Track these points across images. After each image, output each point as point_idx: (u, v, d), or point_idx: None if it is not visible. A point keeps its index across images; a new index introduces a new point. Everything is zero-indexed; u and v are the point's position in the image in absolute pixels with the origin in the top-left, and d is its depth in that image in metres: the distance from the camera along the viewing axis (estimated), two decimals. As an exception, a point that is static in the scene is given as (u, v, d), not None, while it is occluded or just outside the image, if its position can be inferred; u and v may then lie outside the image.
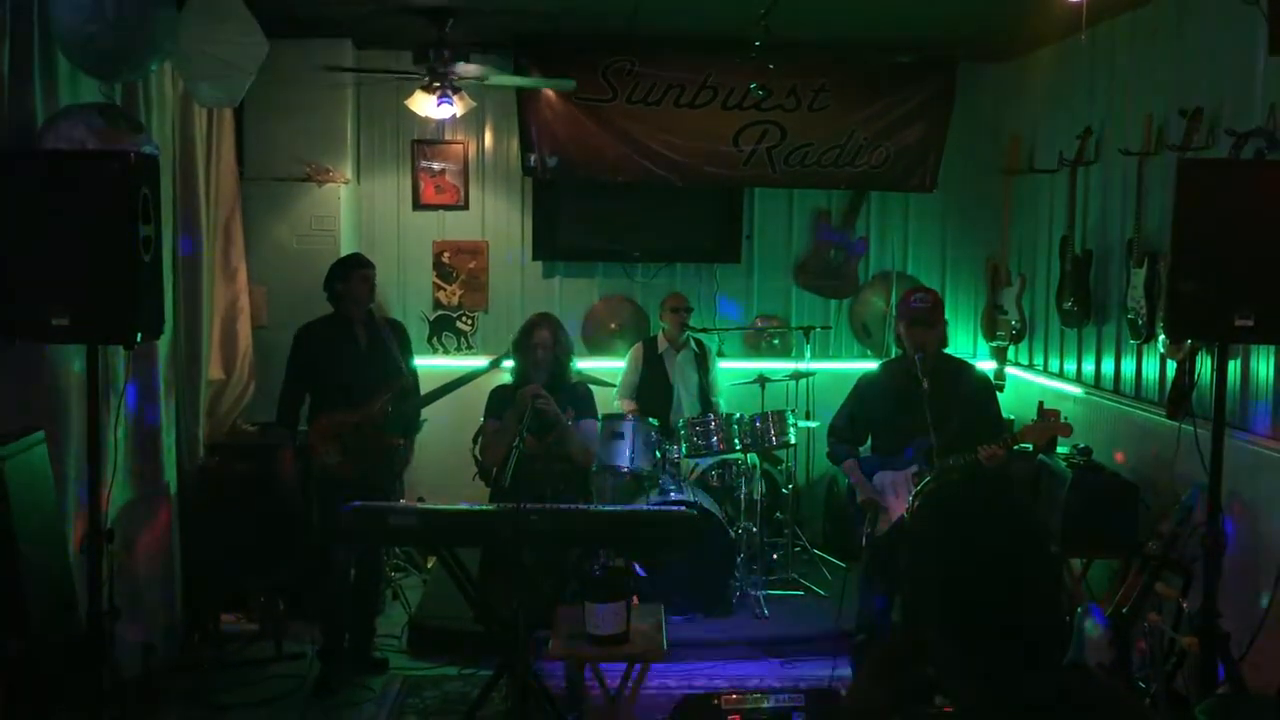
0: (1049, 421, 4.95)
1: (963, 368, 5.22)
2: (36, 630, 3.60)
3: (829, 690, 5.06)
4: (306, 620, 5.54)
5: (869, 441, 5.30)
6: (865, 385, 5.29)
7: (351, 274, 5.31)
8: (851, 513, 5.26)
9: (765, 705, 4.42)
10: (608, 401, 6.62)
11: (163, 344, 5.15)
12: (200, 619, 5.64)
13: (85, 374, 3.77)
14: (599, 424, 5.62)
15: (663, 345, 6.89)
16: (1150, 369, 5.52)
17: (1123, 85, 5.81)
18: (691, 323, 7.01)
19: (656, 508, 5.44)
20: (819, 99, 7.28)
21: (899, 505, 4.92)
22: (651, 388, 6.84)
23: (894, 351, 6.39)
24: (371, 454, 5.26)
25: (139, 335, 3.64)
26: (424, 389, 5.53)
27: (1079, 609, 4.72)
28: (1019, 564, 1.59)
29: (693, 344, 6.94)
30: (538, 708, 4.48)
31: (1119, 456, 5.62)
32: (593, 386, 5.60)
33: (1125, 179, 5.63)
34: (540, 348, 5.09)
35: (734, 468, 6.58)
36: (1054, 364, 6.70)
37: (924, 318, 4.97)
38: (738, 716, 4.33)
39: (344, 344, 5.30)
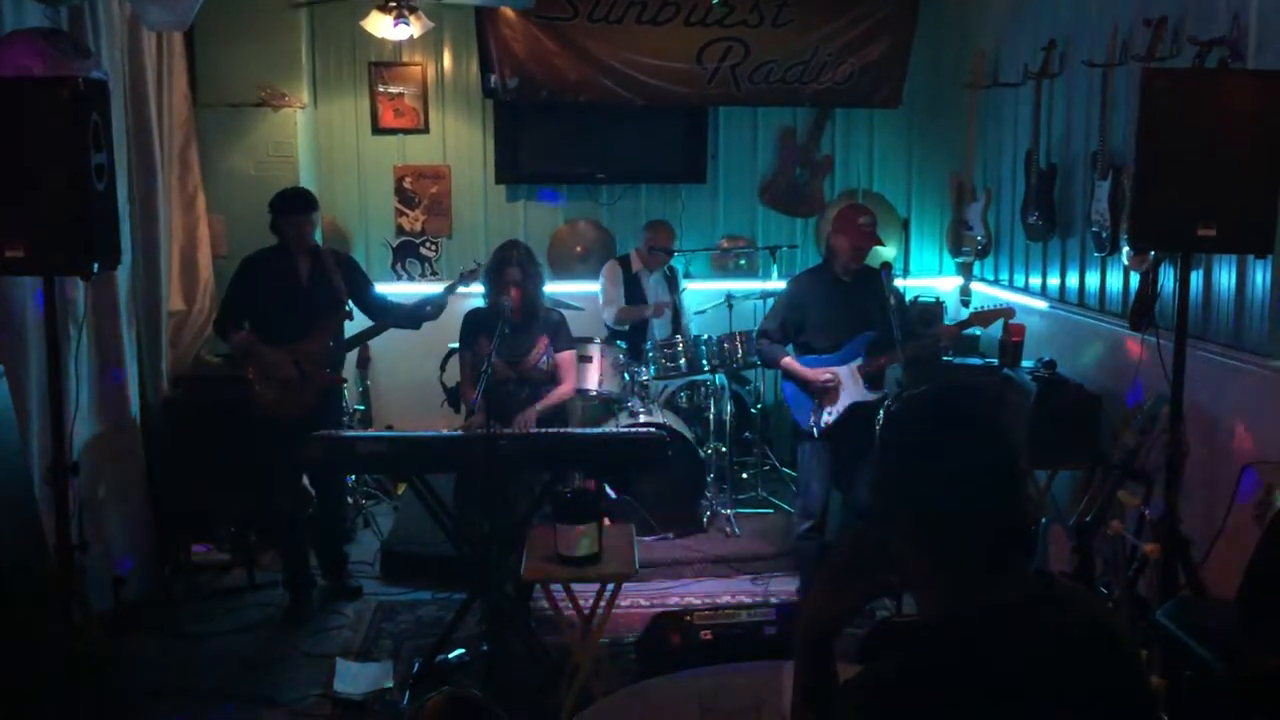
0: (993, 308, 5.58)
1: (869, 269, 5.37)
2: (3, 566, 3.58)
3: (800, 605, 5.16)
4: (277, 550, 5.54)
5: (790, 346, 5.48)
6: (797, 293, 5.45)
7: (284, 218, 5.16)
8: (788, 412, 5.45)
9: (737, 620, 4.49)
10: (581, 324, 6.55)
11: (121, 275, 5.08)
12: (170, 551, 5.64)
13: (43, 306, 3.71)
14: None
15: (637, 266, 6.81)
16: (1114, 281, 5.55)
17: (1087, -5, 5.76)
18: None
19: (626, 430, 5.46)
20: (782, 14, 7.20)
21: (853, 389, 5.19)
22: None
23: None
24: (310, 391, 5.16)
25: (96, 266, 3.57)
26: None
27: (1043, 519, 4.80)
28: (986, 470, 1.60)
29: (664, 266, 6.90)
30: (511, 630, 4.52)
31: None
32: (564, 312, 5.56)
33: (1090, 91, 5.59)
34: (512, 284, 5.07)
35: (702, 389, 6.60)
36: (1019, 278, 6.72)
37: (871, 238, 5.29)
38: (709, 633, 4.40)
39: (283, 277, 5.17)
